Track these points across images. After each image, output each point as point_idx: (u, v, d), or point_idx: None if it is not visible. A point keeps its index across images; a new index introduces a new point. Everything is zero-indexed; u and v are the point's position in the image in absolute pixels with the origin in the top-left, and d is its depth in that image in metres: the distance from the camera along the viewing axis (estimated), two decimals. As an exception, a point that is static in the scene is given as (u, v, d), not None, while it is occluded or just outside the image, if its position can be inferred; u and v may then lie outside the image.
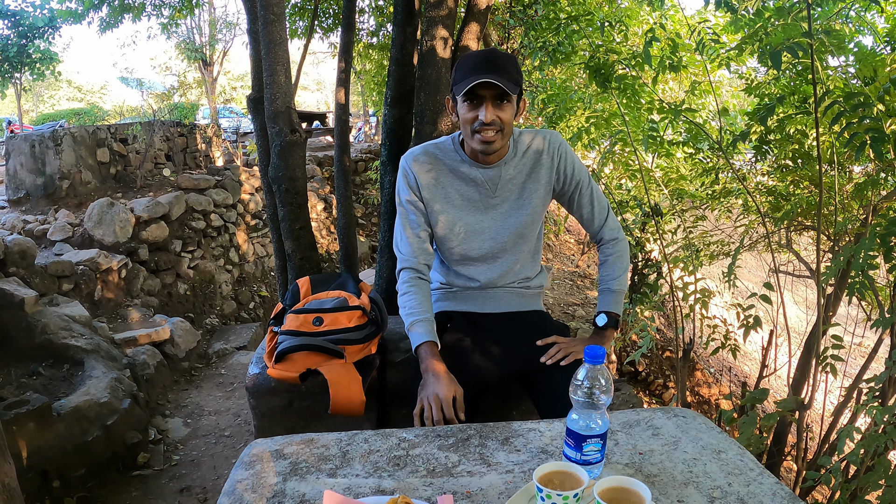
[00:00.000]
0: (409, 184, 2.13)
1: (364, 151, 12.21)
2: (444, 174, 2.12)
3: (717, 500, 1.31)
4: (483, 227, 2.15)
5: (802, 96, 3.38)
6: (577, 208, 2.22)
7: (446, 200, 2.13)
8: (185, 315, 6.83)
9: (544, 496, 1.18)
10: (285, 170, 3.22)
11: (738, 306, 3.46)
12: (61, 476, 3.52)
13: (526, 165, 2.13)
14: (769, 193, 4.28)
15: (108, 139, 8.50)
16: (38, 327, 4.51)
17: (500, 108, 1.93)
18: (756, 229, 4.86)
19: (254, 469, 1.48)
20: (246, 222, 8.88)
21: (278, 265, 3.69)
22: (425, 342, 1.98)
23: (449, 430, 1.64)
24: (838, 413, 3.20)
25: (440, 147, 2.15)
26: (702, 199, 4.75)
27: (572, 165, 2.15)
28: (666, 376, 6.78)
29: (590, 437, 1.34)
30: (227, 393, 5.23)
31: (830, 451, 3.15)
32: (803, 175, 4.00)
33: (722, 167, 4.57)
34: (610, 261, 2.23)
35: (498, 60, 1.91)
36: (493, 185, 2.12)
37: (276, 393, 2.26)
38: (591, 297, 7.84)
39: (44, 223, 6.93)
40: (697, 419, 1.67)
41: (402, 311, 2.07)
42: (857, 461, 2.58)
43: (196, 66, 22.44)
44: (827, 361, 2.91)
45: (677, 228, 4.32)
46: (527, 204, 2.15)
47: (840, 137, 3.21)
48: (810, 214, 4.11)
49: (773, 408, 3.34)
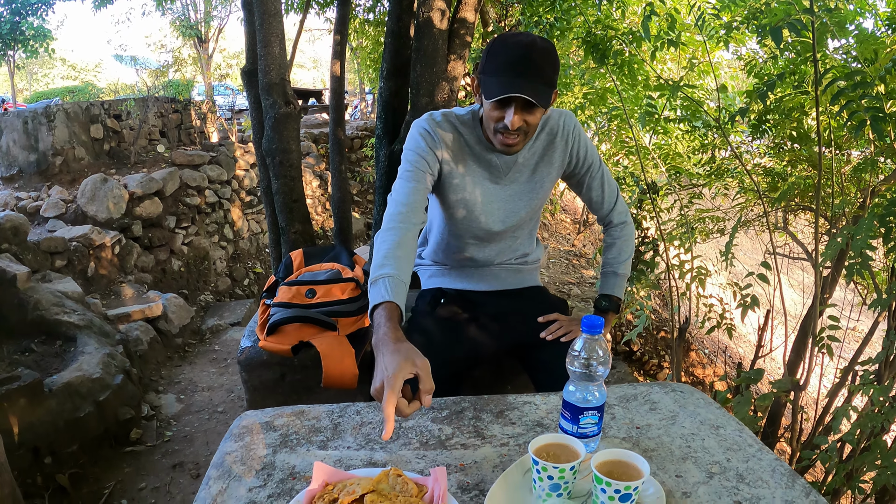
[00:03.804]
0: (430, 143, 1.93)
1: (360, 129, 12.12)
2: (462, 145, 1.99)
3: (715, 475, 1.29)
4: (494, 207, 2.06)
5: (801, 77, 3.35)
6: (586, 191, 2.15)
7: (464, 170, 2.01)
8: (179, 291, 6.80)
9: (540, 469, 1.16)
10: (279, 142, 3.18)
11: (736, 285, 3.43)
12: (53, 452, 3.49)
13: (539, 148, 2.04)
14: (766, 174, 4.25)
15: (102, 115, 8.42)
16: (30, 304, 4.47)
17: (530, 112, 1.78)
18: (752, 208, 4.83)
19: (243, 441, 1.45)
20: (241, 198, 8.83)
21: (272, 239, 3.66)
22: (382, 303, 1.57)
23: (443, 403, 1.61)
24: (833, 395, 3.19)
25: (460, 119, 1.99)
26: (699, 177, 4.72)
27: (585, 148, 2.07)
28: (660, 356, 6.77)
29: (587, 409, 1.31)
30: (221, 369, 5.21)
31: (825, 433, 3.15)
32: (800, 156, 3.97)
33: (719, 145, 4.54)
34: (617, 244, 2.18)
35: (535, 60, 1.70)
36: (507, 168, 2.02)
37: (268, 366, 2.24)
38: (587, 276, 7.83)
39: (37, 200, 6.88)
40: (695, 394, 1.65)
41: (375, 258, 1.72)
42: (854, 441, 2.57)
43: (191, 44, 22.23)
44: (824, 342, 2.89)
45: (673, 205, 4.29)
46: (538, 188, 2.07)
47: (839, 116, 3.19)
48: (807, 195, 4.09)
49: (767, 390, 3.34)
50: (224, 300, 7.62)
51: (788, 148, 4.10)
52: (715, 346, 7.73)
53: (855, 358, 3.06)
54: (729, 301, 3.90)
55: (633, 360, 6.63)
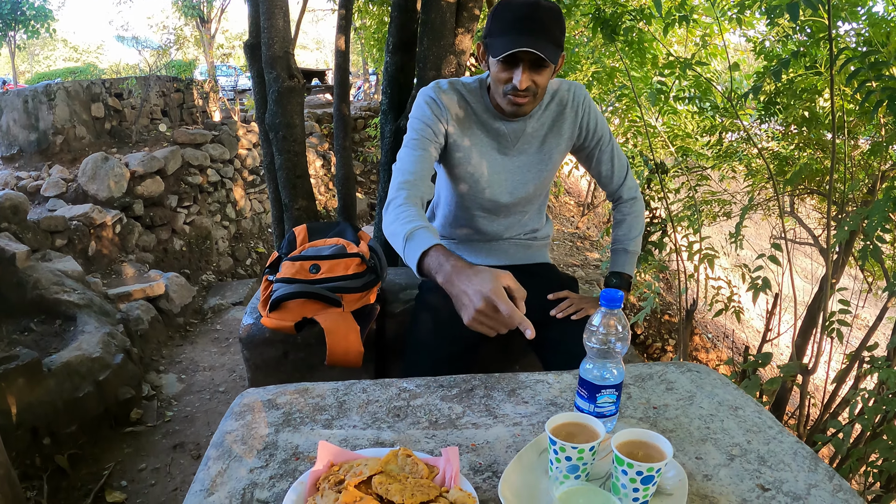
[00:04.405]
0: (436, 112, 1.90)
1: (363, 109, 12.05)
2: (469, 115, 1.95)
3: (736, 457, 1.24)
4: (502, 179, 2.02)
5: (813, 59, 3.30)
6: (595, 165, 2.10)
7: (471, 141, 1.97)
8: (180, 271, 6.76)
9: (558, 449, 1.10)
10: (282, 116, 3.12)
11: (745, 267, 3.38)
12: (52, 433, 3.45)
13: (548, 118, 1.99)
14: (775, 157, 4.20)
15: (103, 94, 8.35)
16: (29, 283, 4.42)
17: (538, 72, 1.75)
18: (759, 192, 4.79)
19: (244, 420, 1.40)
20: (243, 178, 8.78)
21: (275, 216, 3.60)
22: (434, 246, 1.55)
23: (452, 381, 1.56)
24: (840, 380, 3.15)
25: (467, 87, 1.96)
26: (707, 159, 4.67)
27: (595, 120, 2.02)
28: (664, 340, 6.75)
29: (604, 387, 1.26)
30: (223, 349, 5.18)
31: (833, 417, 3.11)
32: (808, 139, 3.93)
33: (728, 126, 4.48)
34: (627, 220, 2.13)
35: (541, 18, 1.68)
36: (515, 138, 1.98)
37: (271, 344, 2.19)
38: (591, 258, 7.79)
39: (37, 179, 6.84)
40: (712, 374, 1.60)
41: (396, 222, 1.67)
42: (868, 426, 2.53)
43: (194, 24, 22.11)
44: (833, 327, 2.85)
45: (681, 186, 4.23)
46: (546, 159, 2.03)
47: (853, 98, 3.14)
48: (814, 179, 4.05)
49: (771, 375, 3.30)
50: (226, 280, 7.58)
51: (797, 131, 4.05)
52: (719, 330, 7.71)
53: (863, 344, 3.02)
54: (737, 284, 3.85)
55: (636, 343, 6.60)
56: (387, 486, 1.07)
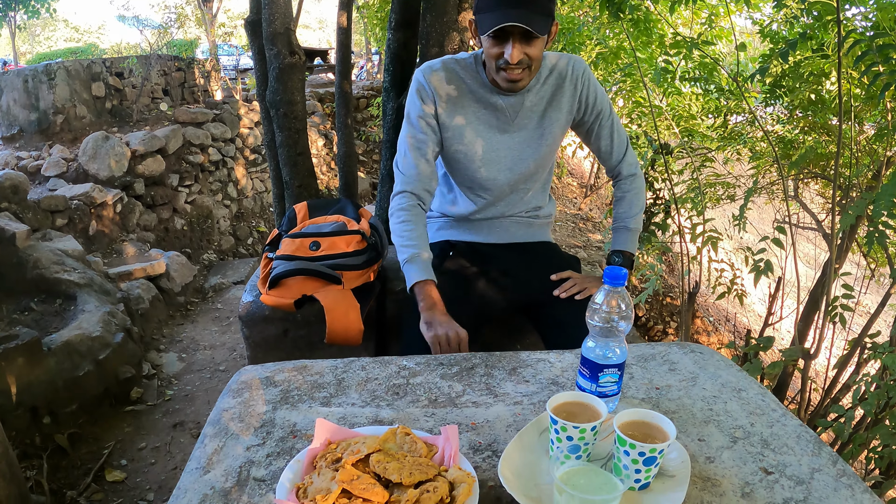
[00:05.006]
0: (425, 97, 1.92)
1: (366, 88, 11.99)
2: (463, 92, 1.94)
3: (739, 440, 1.22)
4: (500, 156, 2.00)
5: (820, 42, 3.26)
6: (595, 140, 2.08)
7: (465, 117, 1.95)
8: (181, 250, 6.75)
9: (559, 429, 1.08)
10: (283, 93, 3.08)
11: (748, 250, 3.36)
12: (52, 412, 3.44)
13: (547, 92, 1.97)
14: (780, 141, 4.17)
15: (104, 73, 8.29)
16: (29, 262, 4.41)
17: (529, 44, 1.74)
18: (764, 176, 4.75)
19: (242, 397, 1.38)
20: (245, 157, 8.74)
21: (276, 194, 3.58)
22: (424, 280, 1.81)
23: (452, 359, 1.54)
24: (842, 366, 3.14)
25: (461, 63, 1.95)
26: (711, 141, 4.63)
27: (595, 94, 2.00)
28: (666, 322, 6.73)
29: (607, 366, 1.24)
30: (223, 327, 5.17)
31: (834, 403, 3.10)
32: (814, 123, 3.89)
33: (732, 108, 4.45)
34: (627, 198, 2.10)
35: None
36: (514, 113, 1.96)
37: (271, 322, 2.17)
38: (594, 239, 7.77)
39: (38, 159, 6.81)
40: (715, 356, 1.58)
41: (399, 240, 1.89)
42: (870, 411, 2.52)
43: (195, 4, 21.95)
44: (836, 312, 2.83)
45: (685, 168, 4.20)
46: (547, 133, 2.00)
47: (860, 81, 3.11)
48: (819, 164, 4.02)
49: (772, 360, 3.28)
50: (227, 259, 7.57)
51: (802, 115, 4.02)
52: (720, 314, 7.70)
53: (864, 330, 3.00)
54: (740, 268, 3.83)
55: (637, 325, 6.59)
56: (385, 464, 1.05)
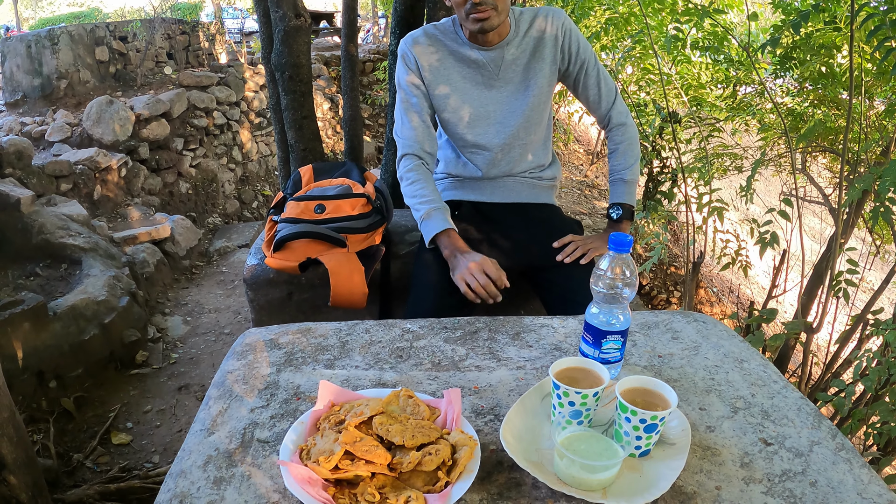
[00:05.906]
0: (410, 67, 2.01)
1: (372, 52, 11.86)
2: (445, 56, 2.00)
3: (740, 410, 1.23)
4: (489, 112, 2.04)
5: (832, 14, 3.21)
6: (582, 90, 2.09)
7: (449, 83, 2.01)
8: (186, 214, 6.74)
9: (561, 394, 1.09)
10: (289, 56, 3.06)
11: (754, 222, 3.34)
12: (57, 376, 3.47)
13: (529, 45, 2.00)
14: (789, 113, 4.13)
15: (107, 37, 8.20)
16: (34, 227, 4.41)
17: None
18: (771, 148, 4.72)
19: (246, 359, 1.39)
20: (250, 120, 8.69)
21: (281, 158, 3.56)
22: (445, 230, 1.91)
23: (456, 323, 1.54)
24: (843, 341, 3.13)
25: (440, 28, 2.03)
26: (720, 111, 4.58)
27: (577, 44, 2.03)
28: (669, 292, 6.73)
29: (610, 333, 1.24)
30: (228, 291, 5.18)
31: (835, 377, 3.10)
32: (824, 96, 3.85)
33: (742, 79, 4.39)
34: (621, 149, 2.11)
35: None
36: (496, 68, 2.00)
37: (275, 285, 2.18)
38: (599, 206, 7.74)
39: (42, 124, 6.77)
40: (718, 326, 1.58)
41: (413, 200, 1.97)
42: (871, 387, 2.52)
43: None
44: (840, 287, 2.82)
45: (692, 137, 4.17)
46: (532, 85, 2.03)
47: (872, 56, 3.07)
48: (828, 138, 3.98)
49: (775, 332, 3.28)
50: (232, 222, 7.56)
51: (812, 88, 3.98)
52: (724, 285, 7.69)
53: (868, 306, 3.00)
54: (745, 239, 3.82)
55: (641, 294, 6.59)
56: (387, 426, 1.06)
